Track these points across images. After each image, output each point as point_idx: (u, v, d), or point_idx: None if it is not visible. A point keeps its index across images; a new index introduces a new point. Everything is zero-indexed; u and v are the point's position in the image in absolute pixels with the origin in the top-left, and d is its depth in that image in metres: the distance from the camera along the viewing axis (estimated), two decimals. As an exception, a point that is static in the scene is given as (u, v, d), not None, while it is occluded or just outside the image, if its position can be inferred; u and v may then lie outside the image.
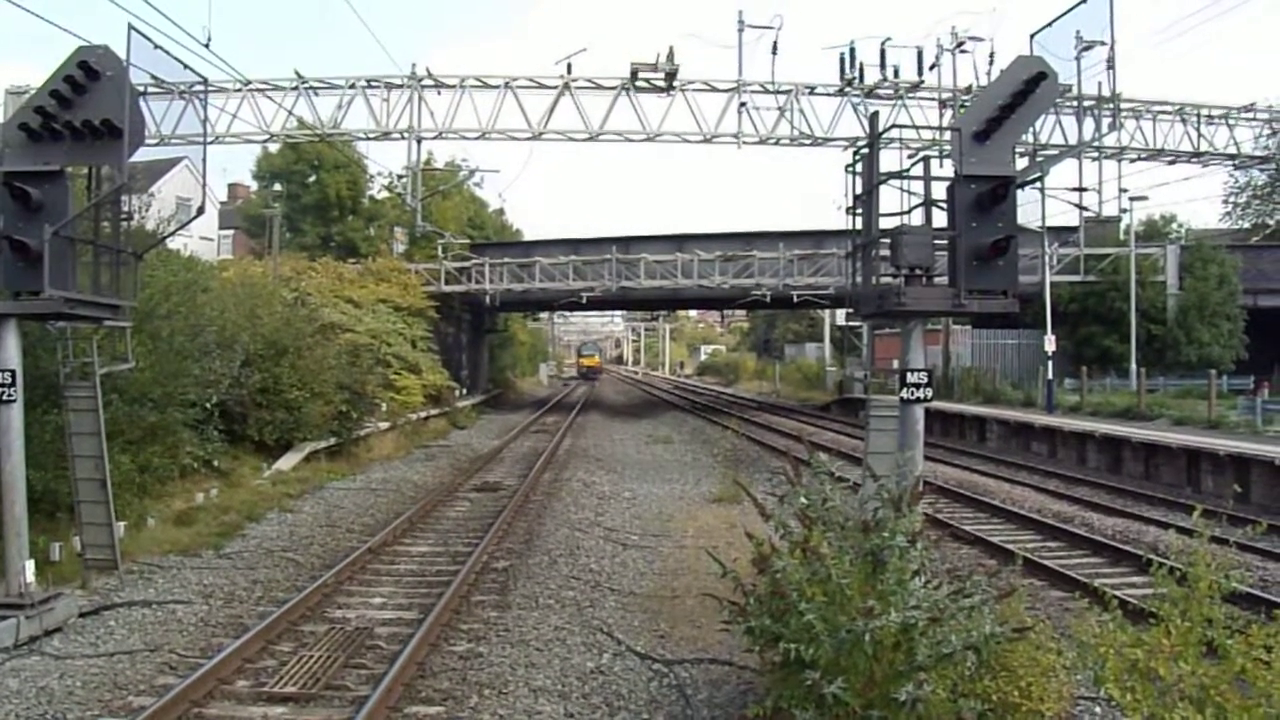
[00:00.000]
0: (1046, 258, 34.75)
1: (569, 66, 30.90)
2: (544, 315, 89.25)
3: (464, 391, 42.32)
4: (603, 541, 14.35)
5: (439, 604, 10.03)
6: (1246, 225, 57.81)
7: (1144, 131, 33.64)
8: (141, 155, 10.91)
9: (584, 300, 42.68)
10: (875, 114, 10.30)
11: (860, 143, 10.78)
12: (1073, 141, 26.85)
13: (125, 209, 10.85)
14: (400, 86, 31.58)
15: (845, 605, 5.74)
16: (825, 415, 43.33)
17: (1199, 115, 34.31)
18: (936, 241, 8.53)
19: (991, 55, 29.53)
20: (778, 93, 31.26)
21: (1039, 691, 5.79)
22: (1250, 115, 35.21)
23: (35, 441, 10.96)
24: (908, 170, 9.02)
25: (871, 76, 30.44)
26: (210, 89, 22.56)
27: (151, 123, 24.17)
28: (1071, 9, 9.71)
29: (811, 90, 31.47)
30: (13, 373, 9.31)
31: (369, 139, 33.15)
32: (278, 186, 46.35)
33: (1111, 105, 24.59)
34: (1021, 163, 9.29)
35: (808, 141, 31.58)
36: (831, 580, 5.85)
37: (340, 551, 13.30)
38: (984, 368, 39.96)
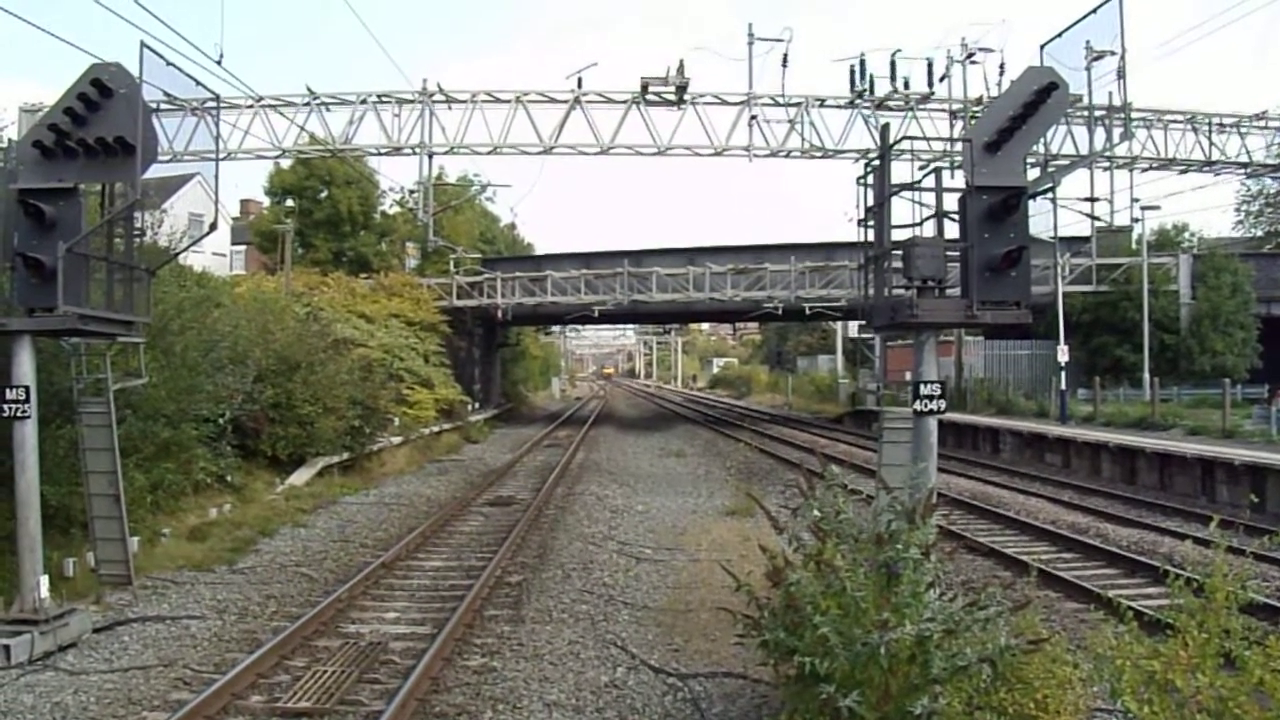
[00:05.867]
0: (1059, 268, 34.69)
1: (579, 81, 31.01)
2: (556, 329, 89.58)
3: (476, 406, 42.41)
4: (616, 555, 14.32)
5: (453, 618, 10.02)
6: (1259, 233, 57.66)
7: (1155, 141, 33.51)
8: (154, 172, 11.01)
9: (596, 314, 42.74)
10: (886, 126, 10.25)
11: (871, 154, 10.78)
12: (1084, 151, 26.76)
13: (138, 225, 10.91)
14: (411, 102, 31.73)
15: (860, 618, 5.71)
16: (838, 427, 43.25)
17: (1210, 124, 34.16)
18: (949, 253, 8.51)
19: (1002, 66, 29.41)
20: (788, 105, 31.29)
21: (1055, 704, 5.74)
22: (1262, 123, 35.03)
23: (49, 457, 10.99)
24: (919, 182, 8.99)
25: (882, 88, 30.41)
26: (222, 105, 22.71)
27: (164, 139, 24.40)
28: (1081, 19, 9.72)
29: (822, 103, 31.49)
30: (27, 389, 9.36)
31: (380, 154, 33.34)
32: (290, 202, 46.52)
33: (1122, 115, 24.47)
34: (1033, 173, 9.27)
35: (818, 154, 31.56)
36: (846, 593, 5.83)
37: (354, 566, 13.31)
38: (997, 379, 39.89)
